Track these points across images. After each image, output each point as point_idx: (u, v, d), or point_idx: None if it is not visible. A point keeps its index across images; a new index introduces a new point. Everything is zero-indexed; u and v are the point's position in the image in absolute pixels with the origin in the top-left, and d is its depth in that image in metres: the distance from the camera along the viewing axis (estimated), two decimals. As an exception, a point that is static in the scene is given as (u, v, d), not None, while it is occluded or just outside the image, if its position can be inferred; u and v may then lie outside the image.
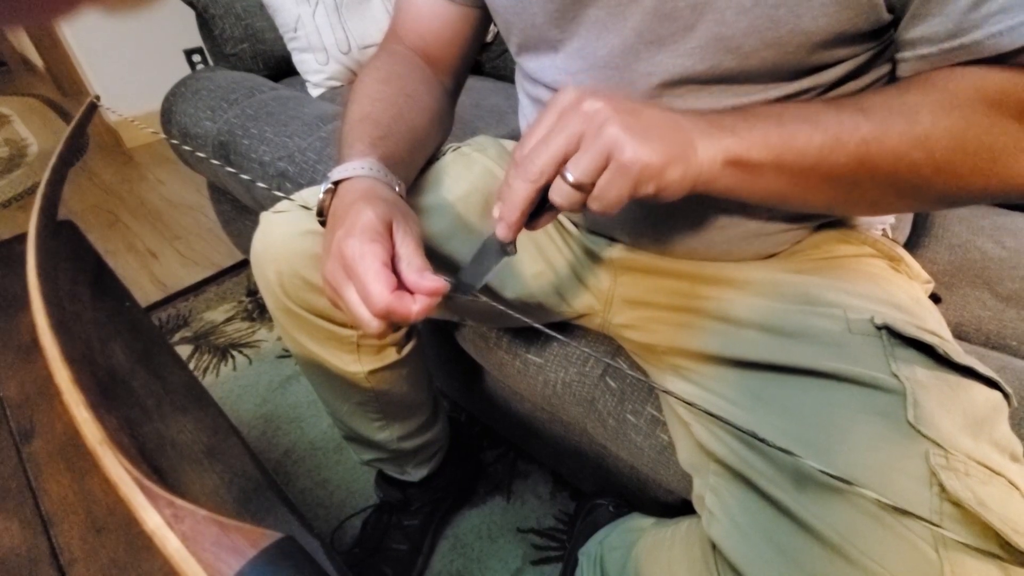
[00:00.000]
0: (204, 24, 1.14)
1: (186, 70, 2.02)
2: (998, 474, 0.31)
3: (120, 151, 2.05)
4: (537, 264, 0.53)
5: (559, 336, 0.36)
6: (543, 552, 0.79)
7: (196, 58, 2.04)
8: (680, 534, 0.47)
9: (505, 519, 0.83)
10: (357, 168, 0.41)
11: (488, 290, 0.54)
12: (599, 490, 0.73)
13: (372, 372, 0.58)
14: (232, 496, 0.37)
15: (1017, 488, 0.32)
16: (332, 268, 0.36)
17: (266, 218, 0.52)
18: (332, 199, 0.41)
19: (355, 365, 0.57)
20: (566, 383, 0.59)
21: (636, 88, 0.40)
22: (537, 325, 0.37)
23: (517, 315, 0.39)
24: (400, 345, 0.61)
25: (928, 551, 0.30)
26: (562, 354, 0.59)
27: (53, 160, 0.56)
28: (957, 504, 0.30)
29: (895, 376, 0.34)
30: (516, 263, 0.53)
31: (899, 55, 0.35)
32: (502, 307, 0.38)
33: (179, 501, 0.29)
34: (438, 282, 0.35)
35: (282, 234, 0.50)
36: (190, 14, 1.16)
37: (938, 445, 0.32)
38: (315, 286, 0.50)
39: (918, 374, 0.35)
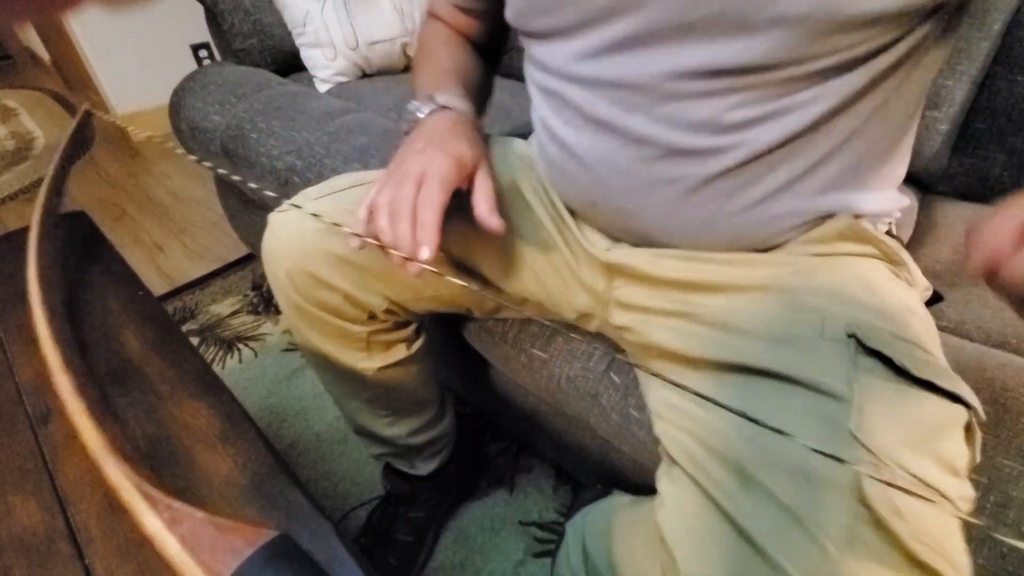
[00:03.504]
0: (213, 19, 1.15)
1: (192, 65, 2.03)
2: (931, 487, 0.32)
3: (126, 145, 2.06)
4: (538, 263, 0.54)
5: (548, 322, 0.37)
6: (545, 545, 0.80)
7: (203, 53, 2.05)
8: (644, 512, 0.48)
9: (507, 512, 0.84)
10: (462, 105, 0.48)
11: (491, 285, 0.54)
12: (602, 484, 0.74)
13: (382, 368, 0.59)
14: (246, 479, 0.37)
15: (950, 501, 0.33)
16: (410, 165, 0.41)
17: (275, 217, 0.53)
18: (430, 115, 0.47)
19: (365, 362, 0.58)
20: (570, 378, 0.60)
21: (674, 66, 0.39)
22: (540, 318, 0.38)
23: (518, 309, 0.40)
24: (410, 341, 0.61)
25: (831, 551, 0.32)
26: (567, 349, 0.60)
27: (50, 171, 0.57)
28: (871, 509, 0.31)
29: (849, 384, 0.35)
30: (518, 259, 0.53)
31: None
32: (504, 302, 0.39)
33: (177, 504, 0.30)
34: (500, 223, 0.41)
35: (291, 232, 0.51)
36: (197, 9, 1.16)
37: (871, 453, 0.33)
38: (325, 283, 0.51)
39: (874, 384, 0.35)
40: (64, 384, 0.36)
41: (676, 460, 0.41)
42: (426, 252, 0.38)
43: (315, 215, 0.47)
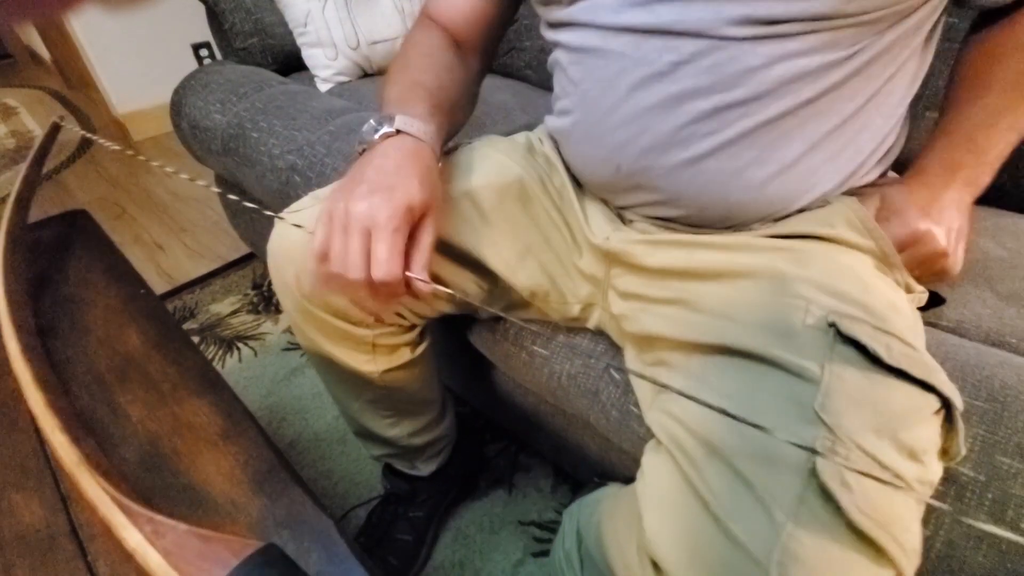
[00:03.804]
0: (214, 18, 1.15)
1: (193, 64, 2.03)
2: (886, 468, 0.33)
3: (127, 144, 2.06)
4: (544, 254, 0.54)
5: (536, 329, 0.37)
6: (544, 545, 0.80)
7: (203, 52, 2.05)
8: (629, 492, 0.49)
9: (507, 512, 0.84)
10: (421, 130, 0.45)
11: (500, 285, 0.55)
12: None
13: (386, 372, 0.60)
14: (248, 477, 0.37)
15: (906, 483, 0.34)
16: (358, 213, 0.39)
17: (281, 222, 0.53)
18: (383, 137, 0.45)
19: (369, 365, 0.59)
20: (571, 375, 0.60)
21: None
22: (536, 328, 0.38)
23: (520, 322, 0.41)
24: (414, 345, 0.62)
25: (778, 518, 0.33)
26: (568, 346, 0.60)
27: (17, 184, 0.57)
28: (820, 480, 0.33)
29: (822, 368, 0.37)
30: (524, 251, 0.54)
31: None
32: (509, 317, 0.40)
33: (159, 517, 0.30)
34: (427, 286, 0.39)
35: (299, 235, 0.51)
36: (198, 8, 1.17)
37: (830, 430, 0.34)
38: None
39: (846, 370, 0.36)
40: (37, 400, 0.36)
41: (659, 439, 0.43)
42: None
43: (298, 226, 0.47)
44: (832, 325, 0.38)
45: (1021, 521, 0.38)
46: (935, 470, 0.36)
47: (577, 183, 0.57)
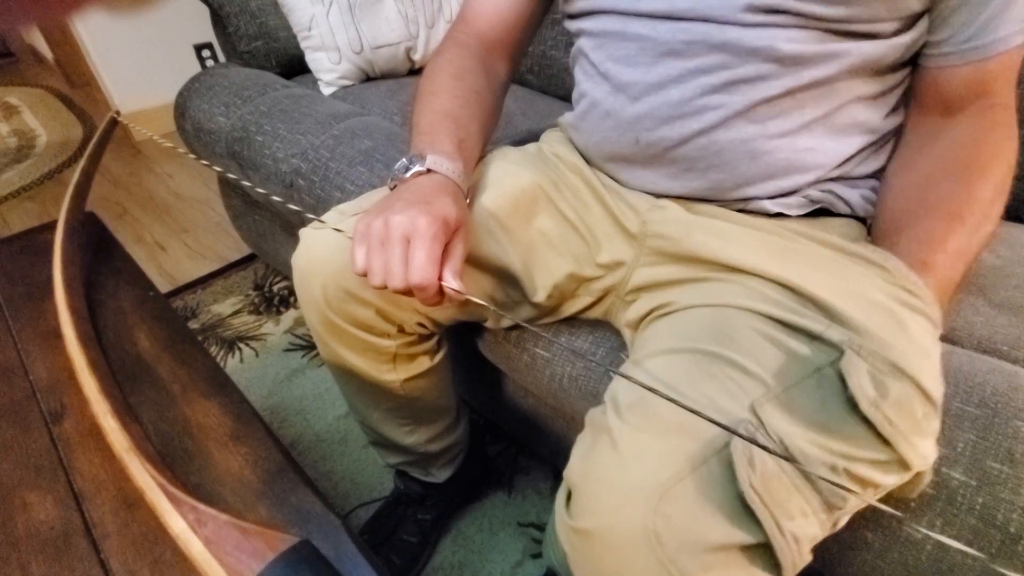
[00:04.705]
0: (218, 21, 1.16)
1: (195, 64, 2.03)
2: (793, 460, 0.34)
3: (129, 144, 2.06)
4: (559, 253, 0.55)
5: (541, 331, 0.38)
6: (543, 546, 0.81)
7: (206, 53, 2.05)
8: None
9: (506, 513, 0.85)
10: (450, 169, 0.48)
11: (516, 289, 0.56)
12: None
13: (406, 380, 0.61)
14: (257, 477, 0.38)
15: (804, 476, 0.35)
16: (398, 222, 0.41)
17: (307, 234, 0.54)
18: (415, 175, 0.48)
19: (391, 374, 0.60)
20: (572, 377, 0.61)
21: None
22: (546, 335, 0.38)
23: (533, 327, 0.43)
24: (433, 353, 0.63)
25: (665, 473, 0.35)
26: (569, 348, 0.61)
27: (76, 175, 0.58)
28: (728, 456, 0.35)
29: (797, 383, 0.38)
30: (544, 248, 0.55)
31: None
32: (519, 321, 0.41)
33: (201, 506, 0.31)
34: (460, 288, 0.41)
35: (325, 248, 0.52)
36: (201, 9, 1.17)
37: (761, 422, 0.36)
38: (358, 297, 0.53)
39: (817, 394, 0.37)
40: (90, 385, 0.37)
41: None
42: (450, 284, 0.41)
43: (339, 230, 0.48)
44: (842, 352, 0.38)
45: (1011, 525, 0.39)
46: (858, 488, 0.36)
47: (591, 180, 0.58)
